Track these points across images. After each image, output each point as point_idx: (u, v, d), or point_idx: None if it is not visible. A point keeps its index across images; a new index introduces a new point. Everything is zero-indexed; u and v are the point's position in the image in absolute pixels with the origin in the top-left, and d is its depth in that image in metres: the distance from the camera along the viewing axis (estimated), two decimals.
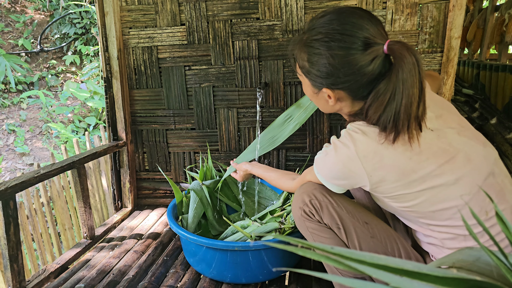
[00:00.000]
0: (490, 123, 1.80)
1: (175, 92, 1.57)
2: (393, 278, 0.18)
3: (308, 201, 0.87)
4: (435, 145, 0.74)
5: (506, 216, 0.74)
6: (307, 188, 0.89)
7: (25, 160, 4.13)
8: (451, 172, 0.73)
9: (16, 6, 5.58)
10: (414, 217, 0.81)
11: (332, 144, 0.81)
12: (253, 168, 1.19)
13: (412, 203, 0.77)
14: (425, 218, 0.78)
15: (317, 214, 0.87)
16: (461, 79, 2.53)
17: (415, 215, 0.79)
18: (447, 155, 0.74)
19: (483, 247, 0.23)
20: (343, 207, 0.86)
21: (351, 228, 0.85)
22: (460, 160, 0.74)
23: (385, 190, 0.78)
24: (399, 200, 0.79)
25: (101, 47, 1.53)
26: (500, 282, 0.24)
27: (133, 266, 1.20)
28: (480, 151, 0.76)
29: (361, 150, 0.75)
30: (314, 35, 0.78)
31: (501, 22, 2.39)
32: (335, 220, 0.85)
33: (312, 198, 0.87)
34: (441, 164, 0.73)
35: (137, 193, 1.71)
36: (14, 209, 1.04)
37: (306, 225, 0.90)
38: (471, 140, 0.78)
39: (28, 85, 5.02)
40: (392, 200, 0.80)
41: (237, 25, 1.47)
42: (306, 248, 0.21)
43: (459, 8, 1.27)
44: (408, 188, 0.75)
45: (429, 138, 0.75)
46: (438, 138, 0.75)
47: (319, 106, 0.91)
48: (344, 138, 0.79)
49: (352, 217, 0.86)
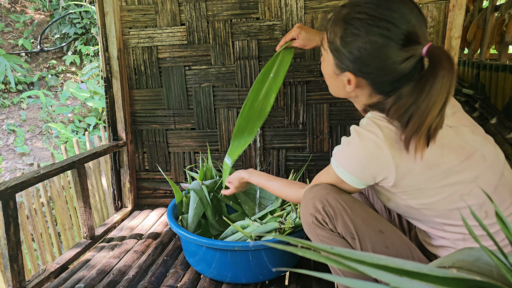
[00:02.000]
0: (490, 123, 1.80)
1: (175, 92, 1.57)
2: (393, 278, 0.18)
3: (321, 207, 0.79)
4: (454, 142, 0.73)
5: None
6: (319, 192, 0.81)
7: (25, 160, 4.13)
8: (470, 169, 0.71)
9: (16, 6, 5.58)
10: (429, 216, 0.77)
11: (354, 132, 0.75)
12: (251, 176, 1.07)
13: (431, 199, 0.74)
14: (441, 217, 0.75)
15: (331, 223, 0.80)
16: (461, 79, 2.53)
17: (431, 213, 0.76)
18: (466, 152, 0.72)
19: (483, 247, 0.23)
20: (358, 214, 0.79)
21: (366, 238, 0.78)
22: (476, 158, 0.72)
23: (407, 184, 0.74)
24: (418, 196, 0.75)
25: (101, 47, 1.53)
26: (500, 282, 0.24)
27: (133, 266, 1.20)
28: (492, 150, 0.76)
29: (389, 137, 0.71)
30: (357, 13, 0.71)
31: (501, 22, 2.39)
32: (350, 230, 0.78)
33: (325, 205, 0.79)
34: (461, 161, 0.71)
35: (137, 193, 1.71)
36: (14, 209, 1.04)
37: (316, 233, 0.83)
38: (484, 139, 0.77)
39: (28, 85, 5.02)
40: (410, 197, 0.76)
41: (237, 25, 1.46)
42: (305, 248, 0.21)
43: (459, 8, 1.27)
44: (431, 182, 0.72)
45: (449, 135, 0.73)
46: (456, 135, 0.74)
47: (331, 88, 0.86)
48: (369, 125, 0.74)
49: (367, 226, 0.79)
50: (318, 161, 1.54)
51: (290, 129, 1.53)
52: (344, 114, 1.48)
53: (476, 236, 0.25)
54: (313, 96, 1.48)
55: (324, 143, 1.52)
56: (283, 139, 1.55)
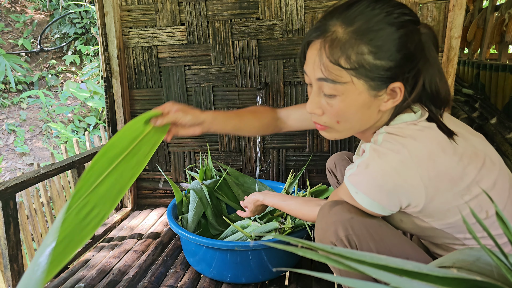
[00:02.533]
0: (490, 123, 1.80)
1: (175, 92, 1.57)
2: (393, 278, 0.18)
3: (344, 236, 0.68)
4: (468, 150, 0.66)
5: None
6: (342, 216, 0.69)
7: (25, 160, 4.13)
8: (487, 177, 0.66)
9: (16, 6, 5.58)
10: (450, 233, 0.70)
11: (373, 152, 0.65)
12: (265, 197, 1.00)
13: (457, 217, 0.66)
14: (463, 233, 0.69)
15: None
16: (461, 79, 2.53)
17: (453, 230, 0.69)
18: (479, 159, 0.66)
19: (483, 246, 0.23)
20: (385, 241, 0.69)
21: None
22: (488, 164, 0.67)
23: (436, 207, 0.66)
24: (445, 217, 0.67)
25: (101, 47, 1.53)
26: (501, 282, 0.24)
27: (133, 266, 1.20)
28: (493, 151, 0.71)
29: (415, 155, 0.62)
30: (369, 18, 0.63)
31: (501, 22, 2.39)
32: None
33: (349, 233, 0.68)
34: (479, 169, 0.65)
35: (137, 193, 1.71)
36: (14, 209, 1.04)
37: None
38: (483, 140, 0.72)
39: (28, 85, 5.02)
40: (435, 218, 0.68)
41: (237, 24, 1.46)
42: (306, 248, 0.21)
43: (459, 8, 1.26)
44: (457, 199, 0.65)
45: (460, 142, 0.67)
46: (466, 141, 0.68)
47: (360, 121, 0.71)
48: (388, 143, 0.65)
49: (394, 254, 0.70)
50: (318, 161, 1.54)
51: None
52: None
53: (476, 236, 0.25)
54: None
55: (324, 143, 1.52)
56: (283, 139, 1.55)
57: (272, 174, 1.59)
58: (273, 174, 1.59)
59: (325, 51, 0.66)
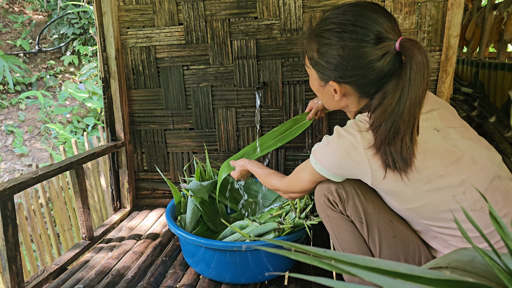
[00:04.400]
0: (489, 122, 1.80)
1: (174, 92, 1.57)
2: (386, 280, 0.18)
3: (334, 189, 0.83)
4: (441, 146, 0.73)
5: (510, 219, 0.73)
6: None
7: (24, 161, 4.12)
8: (457, 173, 0.71)
9: (14, 6, 5.57)
10: (416, 218, 0.79)
11: (335, 132, 0.78)
12: (249, 163, 1.16)
13: (415, 204, 0.75)
14: (428, 219, 0.77)
15: (341, 205, 0.83)
16: (460, 77, 2.53)
17: (417, 215, 0.78)
18: (453, 156, 0.72)
19: (475, 247, 0.23)
20: (370, 201, 0.82)
21: (374, 224, 0.81)
22: (465, 162, 0.72)
23: (386, 189, 0.76)
24: (400, 200, 0.77)
25: (99, 47, 1.53)
26: (495, 282, 0.24)
27: (132, 267, 1.20)
28: (485, 154, 0.75)
29: (367, 142, 0.73)
30: (326, 25, 0.77)
31: (500, 21, 2.39)
32: (359, 214, 0.81)
33: (338, 187, 0.83)
34: (447, 165, 0.72)
35: (135, 194, 1.71)
36: (12, 210, 1.04)
37: (327, 213, 0.87)
38: (475, 143, 0.76)
39: (26, 85, 5.01)
40: (393, 199, 0.78)
41: (235, 24, 1.46)
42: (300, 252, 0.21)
43: (457, 7, 1.26)
44: (411, 188, 0.73)
45: (435, 139, 0.73)
46: (443, 139, 0.74)
47: (324, 102, 0.90)
48: (350, 127, 0.76)
49: (378, 213, 0.81)
50: None
51: None
52: (342, 113, 1.48)
53: (468, 237, 0.25)
54: (311, 95, 1.48)
55: None
56: None
57: None
58: None
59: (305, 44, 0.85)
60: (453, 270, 0.25)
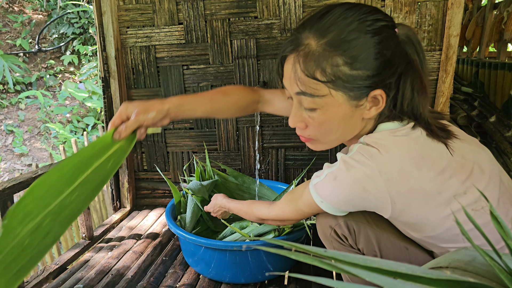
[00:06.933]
0: (489, 121, 1.80)
1: (173, 91, 1.57)
2: (387, 280, 0.18)
3: (342, 221, 0.71)
4: (453, 160, 0.63)
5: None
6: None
7: (24, 160, 4.13)
8: (473, 189, 0.63)
9: (14, 6, 5.57)
10: (435, 243, 0.69)
11: (342, 163, 0.64)
12: (229, 203, 1.01)
13: (437, 232, 0.65)
14: (447, 243, 0.67)
15: (351, 238, 0.72)
16: (460, 77, 2.53)
17: (437, 242, 0.68)
18: (465, 170, 0.63)
19: (476, 247, 0.23)
20: (383, 229, 0.71)
21: (390, 256, 0.71)
22: (476, 174, 0.64)
23: (408, 220, 0.65)
24: (421, 230, 0.67)
25: (99, 46, 1.52)
26: (496, 282, 0.24)
27: (132, 267, 1.20)
28: (484, 156, 0.68)
29: (384, 169, 0.60)
30: (342, 28, 0.61)
31: (500, 20, 2.39)
32: (373, 247, 0.71)
33: (348, 218, 0.71)
34: (463, 182, 0.62)
35: (135, 193, 1.71)
36: None
37: (333, 246, 0.76)
38: (471, 145, 0.68)
39: (26, 85, 5.01)
40: (414, 230, 0.68)
41: (235, 24, 1.46)
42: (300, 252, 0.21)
43: (457, 6, 1.26)
44: (435, 214, 0.63)
45: (446, 153, 0.64)
46: (454, 152, 0.65)
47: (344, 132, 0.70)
48: (359, 154, 0.63)
49: (393, 242, 0.71)
50: (317, 160, 1.54)
51: (289, 128, 1.53)
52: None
53: (469, 237, 0.25)
54: None
55: None
56: (282, 138, 1.55)
57: (271, 173, 1.59)
58: (272, 173, 1.59)
59: (300, 65, 0.64)
60: (454, 270, 0.25)
